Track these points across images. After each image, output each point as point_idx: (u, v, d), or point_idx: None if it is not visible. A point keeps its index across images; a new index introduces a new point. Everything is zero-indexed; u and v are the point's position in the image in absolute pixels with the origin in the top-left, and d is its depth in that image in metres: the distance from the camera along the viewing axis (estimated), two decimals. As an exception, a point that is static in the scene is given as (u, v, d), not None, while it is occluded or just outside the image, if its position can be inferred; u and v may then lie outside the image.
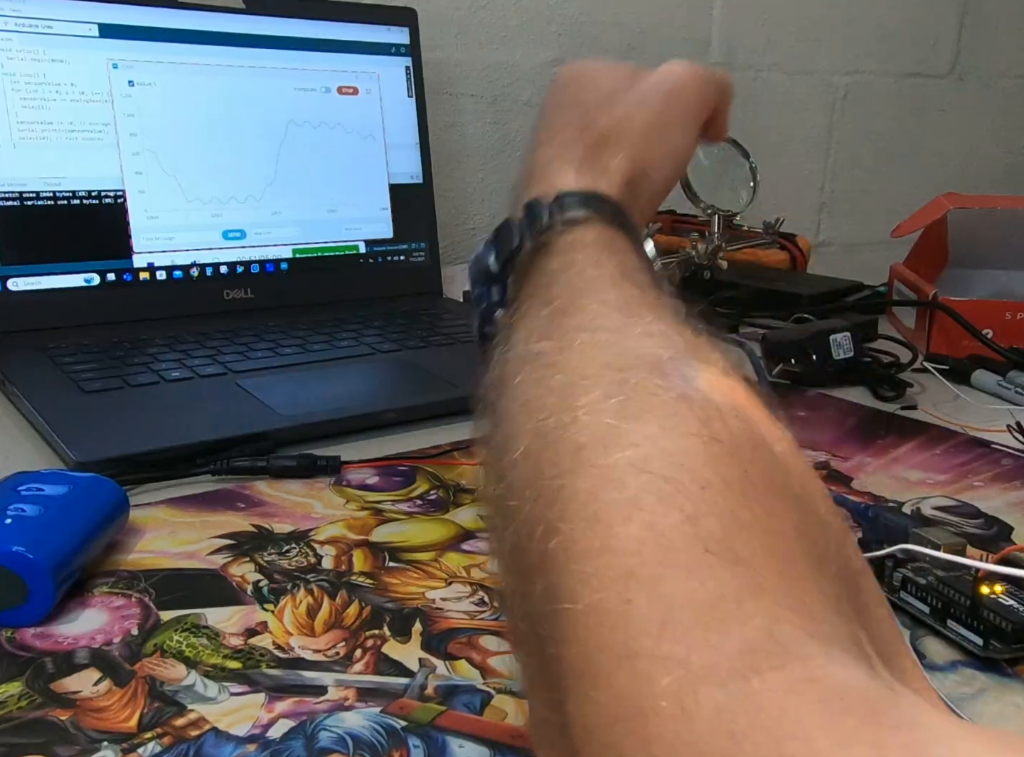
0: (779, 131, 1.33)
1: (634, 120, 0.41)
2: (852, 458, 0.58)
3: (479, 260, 0.36)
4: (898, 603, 0.41)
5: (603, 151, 0.39)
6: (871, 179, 1.43)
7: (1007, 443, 0.60)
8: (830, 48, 1.34)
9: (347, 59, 0.87)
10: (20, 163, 0.72)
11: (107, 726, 0.32)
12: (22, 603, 0.37)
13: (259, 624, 0.39)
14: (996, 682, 0.36)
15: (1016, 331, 0.77)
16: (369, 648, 0.37)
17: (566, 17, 1.14)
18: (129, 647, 0.37)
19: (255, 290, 0.82)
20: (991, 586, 0.38)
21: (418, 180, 0.91)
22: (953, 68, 1.45)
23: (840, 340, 0.71)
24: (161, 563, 0.43)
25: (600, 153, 0.39)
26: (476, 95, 1.11)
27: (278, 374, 0.65)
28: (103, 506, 0.43)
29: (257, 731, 0.32)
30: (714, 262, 0.84)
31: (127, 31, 0.76)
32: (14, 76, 0.72)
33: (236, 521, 0.47)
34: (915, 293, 0.84)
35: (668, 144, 0.41)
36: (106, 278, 0.75)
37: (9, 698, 0.33)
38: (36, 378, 0.62)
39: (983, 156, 1.52)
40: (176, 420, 0.57)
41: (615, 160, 0.39)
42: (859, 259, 1.21)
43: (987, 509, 0.51)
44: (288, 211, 0.84)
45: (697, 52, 1.24)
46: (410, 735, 0.32)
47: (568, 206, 0.35)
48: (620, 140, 0.40)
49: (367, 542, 0.46)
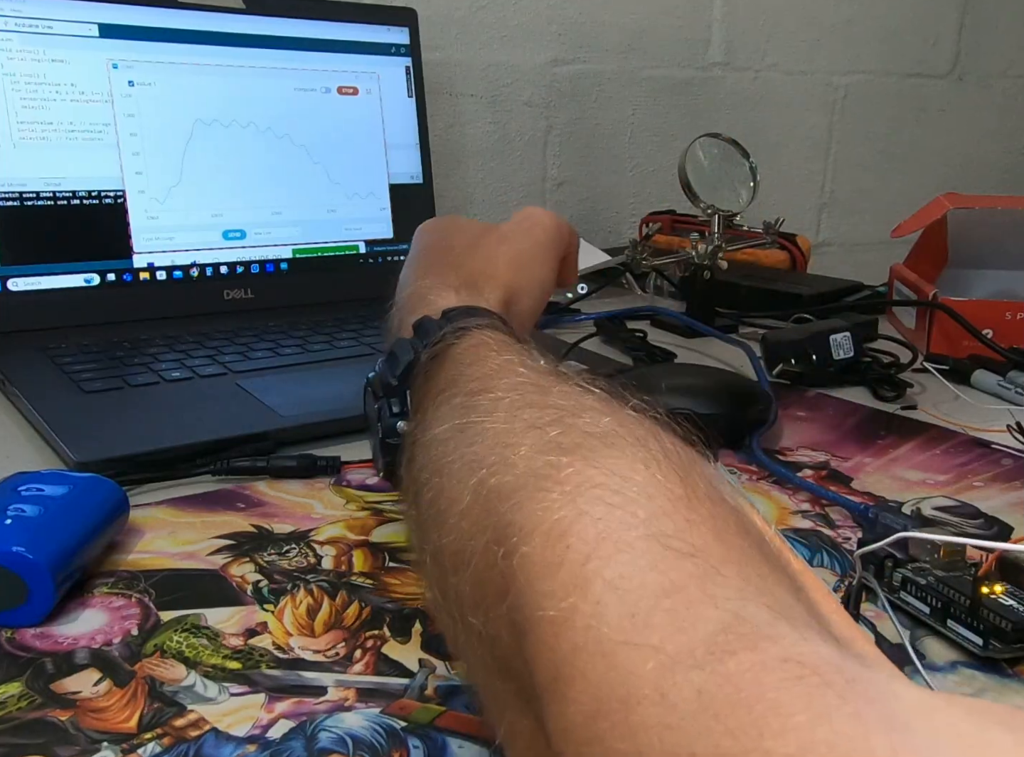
0: (779, 131, 1.33)
1: (500, 256, 0.46)
2: (852, 458, 0.58)
3: (377, 377, 0.39)
4: (898, 603, 0.41)
5: (476, 280, 0.44)
6: (871, 179, 1.43)
7: (1007, 443, 0.60)
8: (830, 48, 1.34)
9: (347, 59, 0.87)
10: (20, 163, 0.72)
11: (107, 726, 0.32)
12: (22, 603, 0.37)
13: (259, 624, 0.39)
14: (996, 682, 0.36)
15: (1016, 331, 0.77)
16: (369, 648, 0.37)
17: (566, 17, 1.14)
18: (129, 647, 0.37)
19: (255, 290, 0.82)
20: (991, 586, 0.38)
21: (418, 180, 0.91)
22: (953, 68, 1.45)
23: (840, 340, 0.71)
24: (161, 563, 0.43)
25: (474, 282, 0.44)
26: (476, 95, 1.11)
27: (278, 374, 0.65)
28: (103, 506, 0.43)
29: (257, 731, 0.32)
30: (714, 262, 0.84)
31: (127, 31, 0.76)
32: (14, 76, 0.72)
33: (236, 521, 0.47)
34: (915, 293, 0.84)
35: (532, 274, 0.47)
36: (106, 278, 0.76)
37: (9, 698, 0.33)
38: (36, 378, 0.62)
39: (983, 156, 1.52)
40: (176, 420, 0.57)
41: (488, 287, 0.44)
42: (859, 259, 1.21)
43: (987, 509, 0.51)
44: (288, 211, 0.84)
45: (697, 52, 1.24)
46: (410, 735, 0.32)
47: (456, 318, 0.38)
48: (490, 273, 0.45)
49: (367, 542, 0.46)
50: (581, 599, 0.21)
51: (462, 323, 0.37)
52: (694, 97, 1.25)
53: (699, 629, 0.19)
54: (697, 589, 0.20)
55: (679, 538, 0.21)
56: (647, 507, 0.22)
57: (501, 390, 0.31)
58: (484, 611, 0.25)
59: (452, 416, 0.32)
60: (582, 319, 0.88)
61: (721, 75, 1.27)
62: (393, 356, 0.39)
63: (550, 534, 0.23)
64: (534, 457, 0.25)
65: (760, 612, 0.19)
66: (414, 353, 0.38)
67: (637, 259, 0.83)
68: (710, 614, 0.19)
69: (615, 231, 1.21)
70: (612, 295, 1.00)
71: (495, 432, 0.28)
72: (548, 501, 0.23)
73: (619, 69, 1.19)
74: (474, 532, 0.26)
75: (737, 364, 0.75)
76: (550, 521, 0.23)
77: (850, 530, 0.48)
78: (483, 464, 0.27)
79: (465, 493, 0.27)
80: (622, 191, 1.23)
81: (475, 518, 0.26)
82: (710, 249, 0.84)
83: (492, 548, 0.24)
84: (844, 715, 0.16)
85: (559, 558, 0.22)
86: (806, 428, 0.63)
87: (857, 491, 0.53)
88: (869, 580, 0.39)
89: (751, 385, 0.66)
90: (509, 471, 0.26)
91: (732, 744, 0.16)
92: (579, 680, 0.20)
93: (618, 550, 0.21)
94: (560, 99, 1.16)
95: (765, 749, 0.16)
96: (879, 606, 0.40)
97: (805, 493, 0.52)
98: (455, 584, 0.27)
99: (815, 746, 0.16)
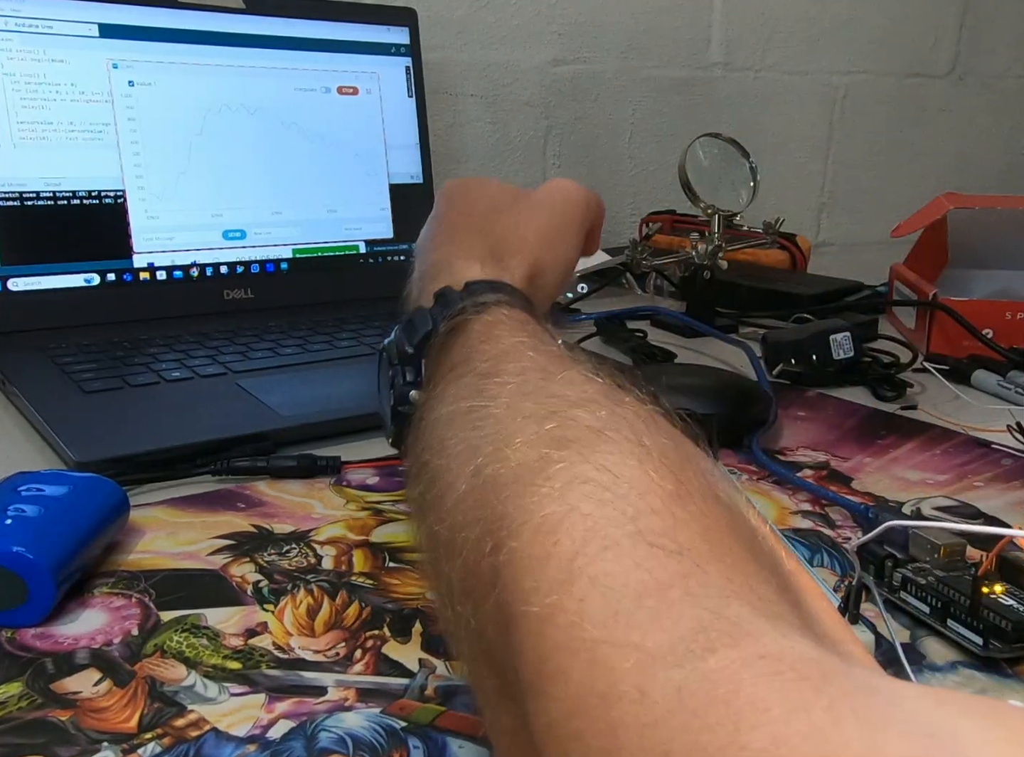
0: (779, 131, 1.33)
1: (528, 227, 0.44)
2: (852, 458, 0.58)
3: (393, 344, 0.39)
4: (898, 603, 0.41)
5: (502, 252, 0.43)
6: (871, 179, 1.43)
7: (1007, 443, 0.60)
8: (830, 48, 1.34)
9: (347, 59, 0.87)
10: (20, 163, 0.72)
11: (107, 727, 0.32)
12: (22, 603, 0.37)
13: (259, 624, 0.39)
14: (996, 682, 0.36)
15: (1016, 331, 0.77)
16: (369, 648, 0.37)
17: (566, 17, 1.14)
18: (129, 647, 0.37)
19: (255, 290, 0.82)
20: (991, 586, 0.38)
21: (418, 180, 0.91)
22: (953, 68, 1.45)
23: (840, 340, 0.71)
24: (161, 563, 0.43)
25: (500, 253, 0.43)
26: (476, 95, 1.11)
27: (278, 374, 0.65)
28: (103, 506, 0.43)
29: (257, 732, 0.32)
30: (714, 262, 0.84)
31: (127, 31, 0.76)
32: (14, 76, 0.72)
33: (236, 521, 0.47)
34: (915, 293, 0.84)
35: (559, 250, 0.45)
36: (106, 278, 0.76)
37: (9, 698, 0.33)
38: (36, 378, 0.62)
39: (983, 156, 1.52)
40: (176, 420, 0.57)
41: (514, 260, 0.43)
42: (859, 259, 1.21)
43: (987, 509, 0.51)
44: (288, 211, 0.84)
45: (697, 52, 1.24)
46: (410, 736, 0.32)
47: (478, 291, 0.38)
48: (517, 244, 0.43)
49: (367, 542, 0.46)
50: (566, 596, 0.21)
51: (482, 298, 0.37)
52: (694, 97, 1.25)
53: (680, 627, 0.19)
54: (680, 588, 0.20)
55: (666, 536, 0.21)
56: (636, 504, 0.22)
57: (508, 374, 0.31)
58: (473, 602, 0.25)
59: (459, 397, 0.32)
60: (582, 319, 0.88)
61: (721, 75, 1.27)
62: (411, 324, 0.38)
63: (539, 529, 0.23)
64: (528, 450, 0.26)
65: (742, 610, 0.19)
66: (432, 323, 0.37)
67: (637, 259, 0.83)
68: (691, 612, 0.19)
69: (615, 231, 1.20)
70: (612, 295, 1.00)
71: (496, 419, 0.28)
72: (539, 496, 0.23)
73: (619, 69, 1.19)
74: (467, 522, 0.26)
75: (737, 364, 0.75)
76: (539, 516, 0.23)
77: (850, 530, 0.48)
78: (480, 452, 0.27)
79: (461, 480, 0.27)
80: (622, 191, 1.23)
81: (468, 508, 0.26)
82: (710, 249, 0.84)
83: (483, 540, 0.24)
84: (819, 709, 0.16)
85: (546, 554, 0.22)
86: (806, 428, 0.63)
87: (857, 491, 0.53)
88: (867, 579, 0.39)
89: (751, 385, 0.66)
90: (504, 463, 0.26)
91: (709, 739, 0.17)
92: (561, 677, 0.20)
93: (604, 547, 0.21)
94: (560, 99, 1.16)
95: (741, 743, 0.16)
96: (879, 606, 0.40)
97: (805, 493, 0.52)
98: (446, 571, 0.27)
99: (789, 739, 0.16)
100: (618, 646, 0.19)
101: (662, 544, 0.21)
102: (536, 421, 0.27)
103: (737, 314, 0.89)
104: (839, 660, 0.18)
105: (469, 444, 0.29)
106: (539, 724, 0.20)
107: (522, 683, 0.21)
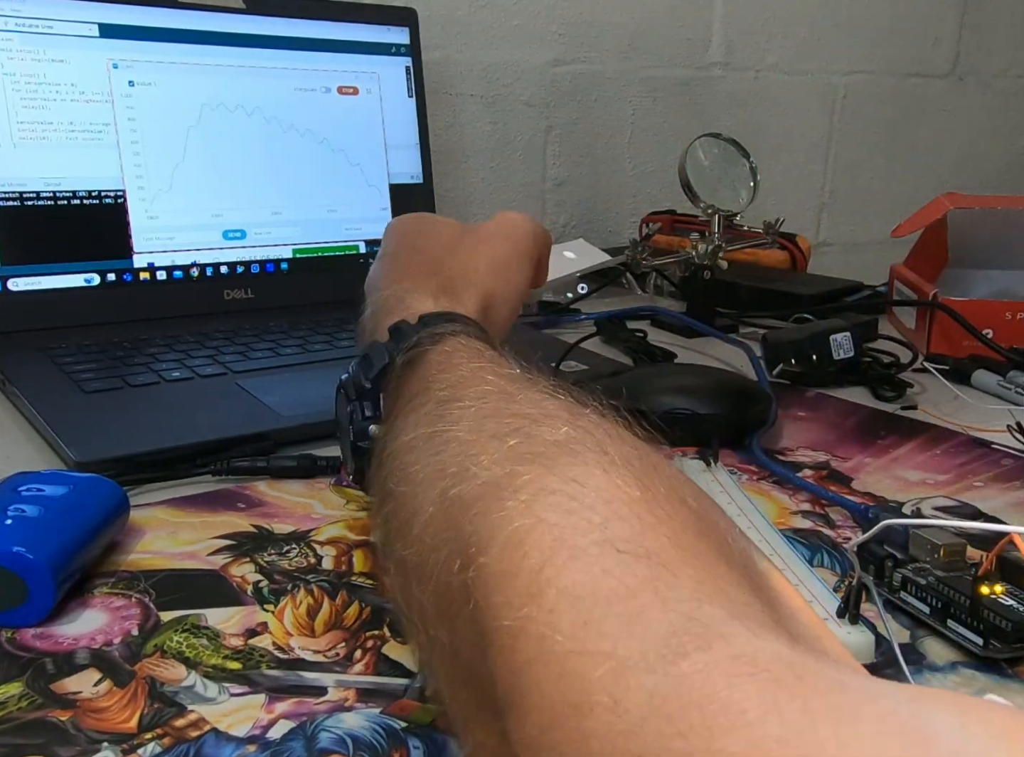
0: (779, 131, 1.33)
1: (480, 259, 0.45)
2: (852, 458, 0.58)
3: (351, 380, 0.40)
4: (898, 603, 0.41)
5: (455, 285, 0.44)
6: (871, 179, 1.43)
7: (1007, 443, 0.60)
8: (830, 48, 1.34)
9: (347, 59, 0.87)
10: (20, 163, 0.72)
11: (107, 727, 0.32)
12: (22, 603, 0.37)
13: (259, 625, 0.39)
14: (996, 682, 0.36)
15: (1016, 331, 0.77)
16: (369, 649, 0.37)
17: (566, 17, 1.14)
18: (129, 648, 0.37)
19: (255, 290, 0.82)
20: (991, 586, 0.38)
21: (418, 180, 0.91)
22: (953, 68, 1.45)
23: (840, 340, 0.71)
24: (161, 563, 0.43)
25: (452, 287, 0.43)
26: (476, 95, 1.11)
27: (278, 374, 0.65)
28: (103, 506, 0.43)
29: (257, 732, 0.32)
30: (714, 262, 0.84)
31: (127, 31, 0.76)
32: (14, 76, 0.72)
33: (236, 521, 0.47)
34: (915, 293, 0.84)
35: (511, 280, 0.46)
36: (106, 278, 0.76)
37: (9, 699, 0.33)
38: (36, 378, 0.62)
39: (983, 156, 1.52)
40: (176, 420, 0.57)
41: (467, 292, 0.43)
42: (859, 259, 1.21)
43: (987, 509, 0.51)
44: (288, 211, 0.84)
45: (697, 52, 1.24)
46: (410, 736, 0.32)
47: (432, 323, 0.38)
48: (469, 276, 0.44)
49: (367, 542, 0.46)
50: (535, 608, 0.20)
51: (438, 329, 0.38)
52: (694, 97, 1.25)
53: (651, 633, 0.19)
54: (650, 593, 0.20)
55: (634, 542, 0.21)
56: (603, 512, 0.22)
57: (468, 399, 0.31)
58: (447, 623, 0.25)
59: (420, 424, 0.32)
60: (582, 319, 0.89)
61: (721, 75, 1.27)
62: (367, 359, 0.39)
63: (507, 543, 0.22)
64: (494, 467, 0.26)
65: (714, 612, 0.19)
66: (389, 357, 0.38)
67: (637, 259, 0.83)
68: (662, 617, 0.19)
69: (615, 231, 1.21)
70: (612, 295, 1.00)
71: (459, 442, 0.28)
72: (505, 510, 0.23)
73: (619, 69, 1.19)
74: (436, 544, 0.26)
75: (737, 364, 0.75)
76: (508, 530, 0.23)
77: (850, 530, 0.48)
78: (445, 474, 0.27)
79: (428, 504, 0.27)
80: (622, 191, 1.23)
81: (436, 530, 0.26)
82: (710, 249, 0.84)
83: (452, 560, 0.24)
84: (793, 710, 0.16)
85: (516, 567, 0.22)
86: (806, 428, 0.63)
87: (857, 491, 0.53)
88: (867, 579, 0.39)
89: (751, 385, 0.66)
90: (470, 481, 0.26)
91: (683, 745, 0.16)
92: (535, 690, 0.19)
93: (572, 557, 0.21)
94: (560, 99, 1.16)
95: (716, 749, 0.16)
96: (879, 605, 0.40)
97: (805, 493, 0.52)
98: (418, 596, 0.27)
99: (764, 742, 0.16)
100: (589, 655, 0.19)
101: (630, 550, 0.21)
102: (499, 440, 0.27)
103: (737, 314, 0.89)
104: (814, 659, 0.18)
105: (434, 468, 0.29)
106: (517, 738, 0.20)
107: (499, 699, 0.21)
